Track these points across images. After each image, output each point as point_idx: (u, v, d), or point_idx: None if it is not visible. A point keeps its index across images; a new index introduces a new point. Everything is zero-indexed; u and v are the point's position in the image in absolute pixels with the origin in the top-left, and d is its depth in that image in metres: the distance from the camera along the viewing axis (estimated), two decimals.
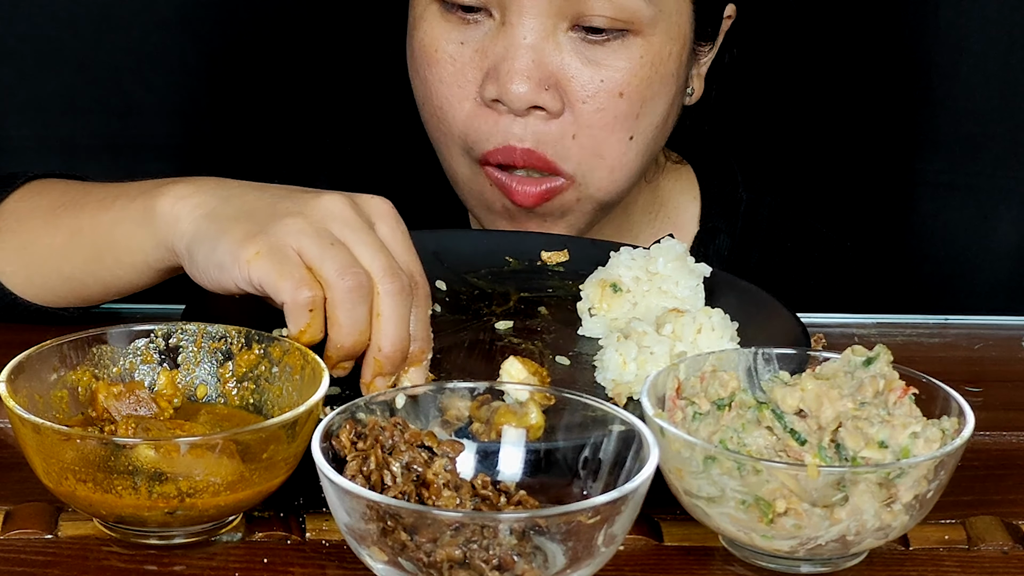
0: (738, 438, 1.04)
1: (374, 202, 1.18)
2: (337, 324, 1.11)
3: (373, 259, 1.13)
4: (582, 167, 1.45)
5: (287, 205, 1.16)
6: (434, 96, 1.46)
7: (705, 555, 1.06)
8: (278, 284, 1.11)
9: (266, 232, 1.12)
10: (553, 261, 1.41)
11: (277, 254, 1.11)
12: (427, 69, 1.46)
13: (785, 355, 1.12)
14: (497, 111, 1.43)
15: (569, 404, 1.05)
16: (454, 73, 1.44)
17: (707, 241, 1.60)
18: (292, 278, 1.11)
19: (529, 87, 1.40)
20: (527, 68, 1.40)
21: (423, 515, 0.93)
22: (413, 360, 1.15)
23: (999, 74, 1.88)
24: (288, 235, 1.12)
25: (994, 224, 1.92)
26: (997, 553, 1.08)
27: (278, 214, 1.14)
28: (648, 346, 1.20)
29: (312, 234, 1.12)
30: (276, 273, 1.11)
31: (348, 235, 1.14)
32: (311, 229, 1.13)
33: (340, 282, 1.10)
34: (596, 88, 1.42)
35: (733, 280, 1.33)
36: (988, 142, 1.90)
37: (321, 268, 1.11)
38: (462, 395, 1.06)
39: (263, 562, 1.03)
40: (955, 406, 1.05)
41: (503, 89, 1.41)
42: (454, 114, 1.45)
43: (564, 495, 1.03)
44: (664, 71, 1.44)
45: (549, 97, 1.41)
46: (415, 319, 1.15)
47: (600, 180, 1.46)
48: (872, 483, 0.99)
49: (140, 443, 0.99)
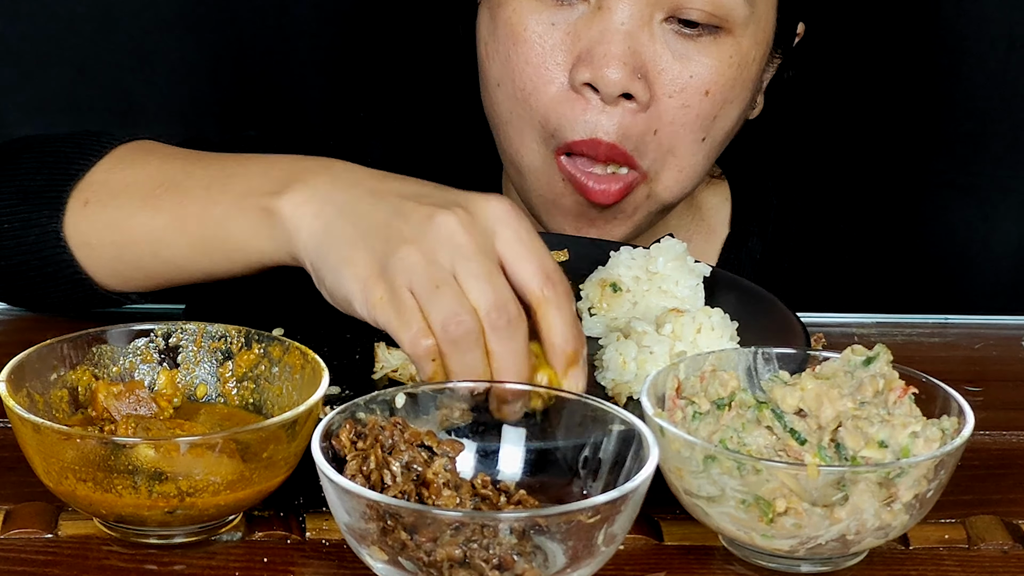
0: (738, 438, 1.04)
1: (491, 207, 1.13)
2: (452, 372, 1.09)
3: (481, 295, 1.09)
4: (656, 164, 1.42)
5: (400, 228, 1.12)
6: (517, 77, 1.42)
7: (705, 555, 1.06)
8: (399, 334, 1.10)
9: (384, 269, 1.11)
10: None
11: (396, 300, 1.10)
12: (512, 48, 1.42)
13: (785, 355, 1.12)
14: (586, 98, 1.40)
15: (569, 404, 1.05)
16: (542, 54, 1.41)
17: (739, 244, 1.58)
18: (411, 329, 1.09)
19: (624, 73, 1.37)
20: (622, 54, 1.38)
21: (423, 514, 0.93)
22: (570, 362, 1.11)
23: (999, 74, 1.88)
24: (401, 273, 1.10)
25: (995, 224, 1.92)
26: (997, 552, 1.08)
27: (392, 241, 1.12)
28: (648, 346, 1.20)
29: (422, 273, 1.10)
30: (396, 322, 1.10)
31: (460, 266, 1.10)
32: (422, 266, 1.10)
33: (445, 335, 1.08)
34: (684, 83, 1.40)
35: (733, 280, 1.33)
36: (989, 142, 1.90)
37: (429, 316, 1.09)
38: (461, 395, 1.06)
39: (263, 562, 1.03)
40: (955, 406, 1.05)
41: (597, 73, 1.38)
42: (538, 97, 1.41)
43: (564, 495, 1.03)
44: (747, 75, 1.43)
45: (640, 87, 1.39)
46: (560, 321, 1.11)
47: (668, 179, 1.44)
48: (872, 483, 0.99)
49: (140, 443, 0.99)
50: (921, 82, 1.89)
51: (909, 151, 1.92)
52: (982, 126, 1.90)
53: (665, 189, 1.45)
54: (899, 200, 1.94)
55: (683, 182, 1.45)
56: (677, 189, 1.46)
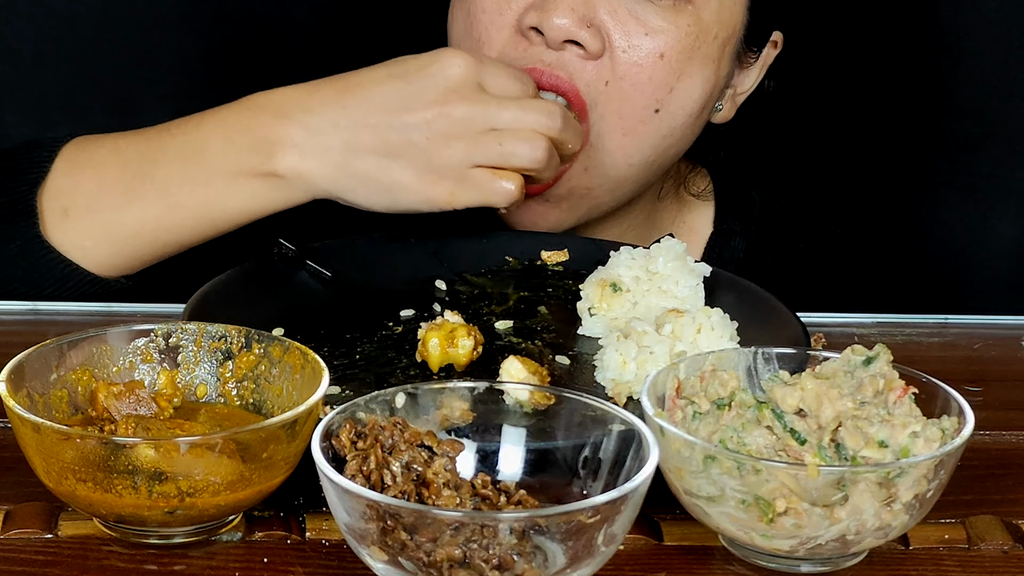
0: (738, 437, 1.04)
1: (445, 65, 1.29)
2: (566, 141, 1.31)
3: (513, 116, 1.27)
4: (601, 123, 1.42)
5: (411, 121, 1.27)
6: (475, 26, 1.43)
7: (705, 555, 1.06)
8: (490, 199, 1.26)
9: (435, 167, 1.25)
10: (553, 261, 1.41)
11: (465, 181, 1.25)
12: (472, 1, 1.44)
13: (785, 354, 1.12)
14: (531, 41, 1.41)
15: (569, 403, 1.05)
16: (497, 2, 1.42)
17: (721, 243, 1.59)
18: (495, 189, 1.27)
19: (571, 20, 1.38)
20: (573, 2, 1.39)
21: (423, 515, 0.93)
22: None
23: (999, 74, 1.88)
24: (453, 156, 1.24)
25: (994, 224, 1.92)
26: (997, 552, 1.08)
27: (416, 139, 1.26)
28: (648, 346, 1.20)
29: (469, 141, 1.26)
30: (480, 195, 1.26)
31: (478, 110, 1.28)
32: (463, 137, 1.26)
33: (545, 119, 1.28)
34: (639, 41, 1.40)
35: (733, 280, 1.33)
36: (988, 142, 1.90)
37: (504, 154, 1.26)
38: (462, 395, 1.06)
39: (263, 562, 1.03)
40: (955, 406, 1.05)
41: (543, 17, 1.39)
42: (491, 44, 1.42)
43: (564, 495, 1.03)
44: (706, 51, 1.43)
45: (589, 35, 1.39)
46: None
47: (611, 143, 1.43)
48: (872, 482, 0.99)
49: (140, 443, 0.99)
50: (920, 82, 1.89)
51: (908, 151, 1.92)
52: (981, 126, 1.90)
53: (608, 154, 1.43)
54: (898, 200, 1.94)
55: (628, 150, 1.44)
56: (621, 156, 1.44)
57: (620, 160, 1.44)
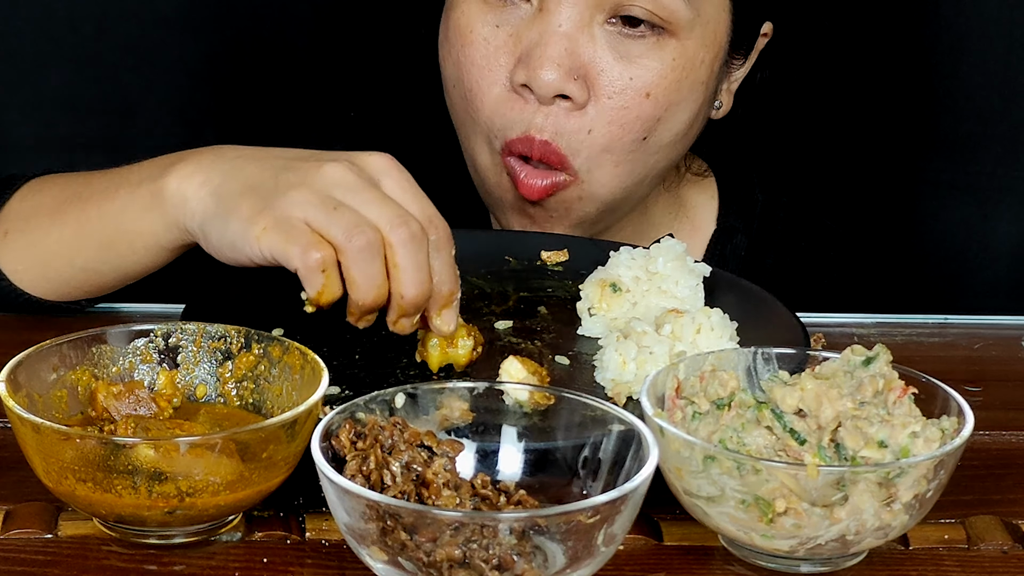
0: (738, 438, 1.04)
1: (374, 159, 1.19)
2: (354, 284, 1.13)
3: (380, 212, 1.14)
4: (589, 163, 1.44)
5: (288, 177, 1.17)
6: (465, 78, 1.45)
7: (705, 555, 1.06)
8: (287, 251, 1.13)
9: (272, 207, 1.15)
10: (553, 261, 1.41)
11: (283, 225, 1.14)
12: (460, 51, 1.45)
13: (785, 355, 1.12)
14: (524, 98, 1.42)
15: (569, 404, 1.05)
16: (486, 56, 1.43)
17: (724, 241, 1.59)
18: (300, 243, 1.13)
19: (558, 75, 1.39)
20: (558, 56, 1.40)
21: (423, 515, 0.93)
22: (444, 303, 1.17)
23: (999, 74, 1.88)
24: (293, 207, 1.14)
25: (994, 224, 1.92)
26: (997, 553, 1.08)
27: (281, 187, 1.16)
28: (648, 346, 1.20)
29: (316, 203, 1.14)
30: (284, 242, 1.13)
31: (352, 197, 1.15)
32: (315, 198, 1.14)
33: (349, 244, 1.12)
34: (624, 85, 1.41)
35: (733, 280, 1.33)
36: (988, 141, 1.90)
37: (329, 232, 1.13)
38: (461, 395, 1.06)
39: (263, 562, 1.03)
40: (955, 406, 1.05)
41: (532, 74, 1.40)
42: (483, 98, 1.44)
43: (564, 495, 1.03)
44: (694, 78, 1.44)
45: (576, 88, 1.41)
46: (439, 261, 1.16)
47: (604, 175, 1.45)
48: (872, 483, 0.99)
49: (140, 443, 0.99)
50: (920, 81, 1.89)
51: (908, 150, 1.92)
52: (981, 126, 1.90)
53: (601, 186, 1.46)
54: (898, 199, 1.94)
55: (621, 177, 1.46)
56: (615, 184, 1.46)
57: (614, 186, 1.47)
